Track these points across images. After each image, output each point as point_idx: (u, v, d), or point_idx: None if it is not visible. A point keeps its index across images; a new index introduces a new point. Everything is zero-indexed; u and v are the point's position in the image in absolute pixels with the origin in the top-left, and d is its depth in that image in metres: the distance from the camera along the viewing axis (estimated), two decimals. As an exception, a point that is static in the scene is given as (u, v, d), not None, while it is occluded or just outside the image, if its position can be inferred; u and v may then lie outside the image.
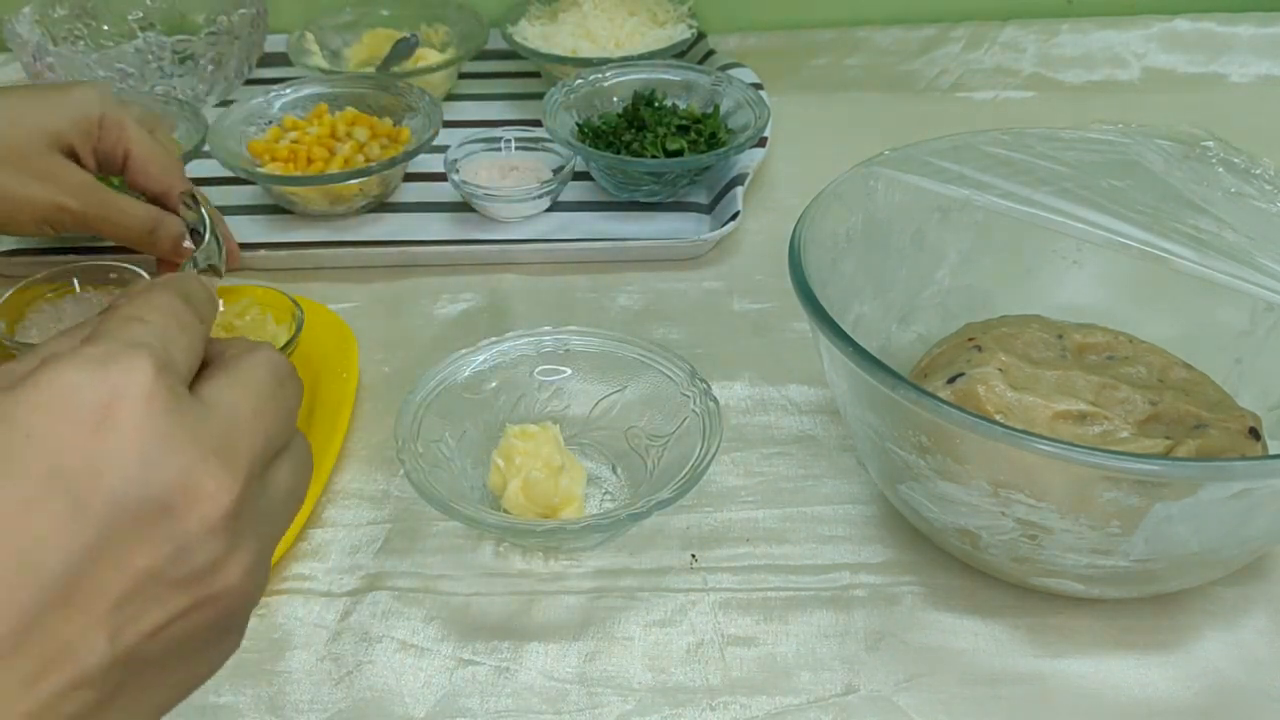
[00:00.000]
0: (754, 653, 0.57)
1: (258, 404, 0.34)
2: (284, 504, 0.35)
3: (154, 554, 0.30)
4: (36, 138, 0.70)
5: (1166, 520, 0.50)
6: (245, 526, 0.32)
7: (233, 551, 0.32)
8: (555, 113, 0.90)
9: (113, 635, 0.30)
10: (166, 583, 0.31)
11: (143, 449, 0.30)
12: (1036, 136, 0.69)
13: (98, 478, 0.30)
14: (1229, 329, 0.65)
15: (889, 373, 0.51)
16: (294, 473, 0.36)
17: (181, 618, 0.32)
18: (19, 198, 0.70)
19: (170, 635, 0.31)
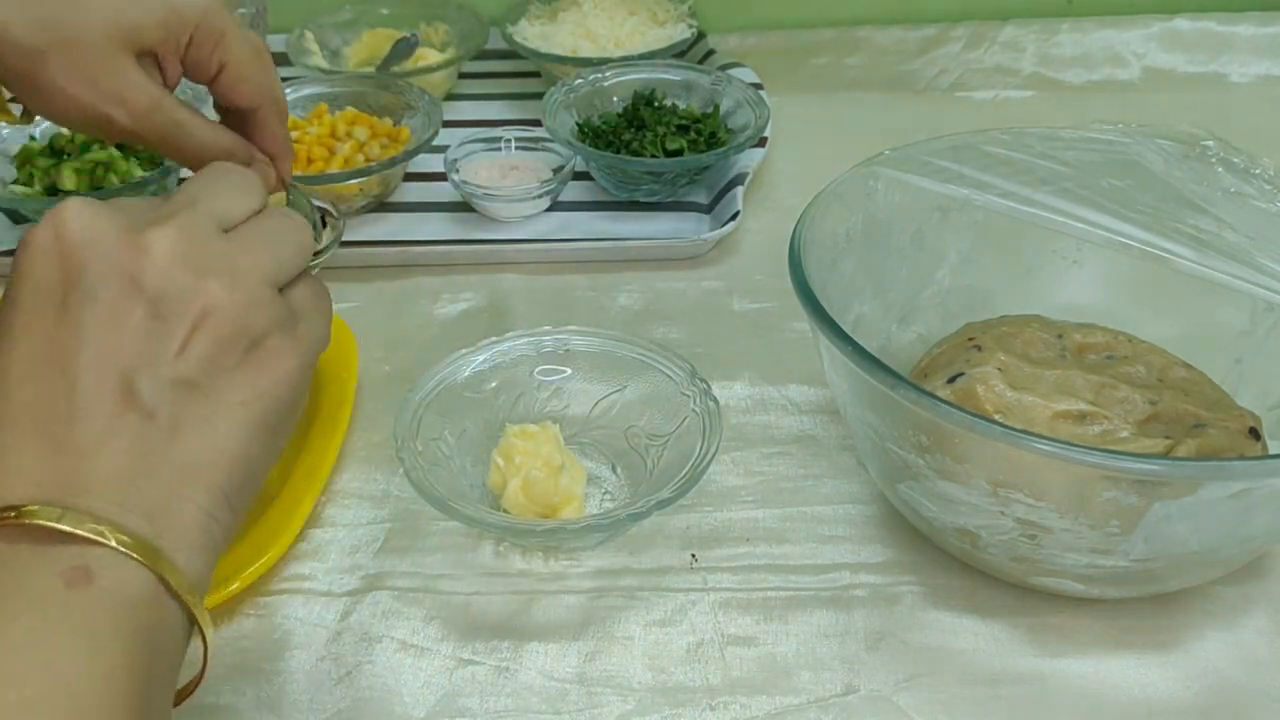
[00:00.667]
0: (754, 652, 0.57)
1: (194, 190, 0.43)
2: (254, 243, 0.43)
3: (135, 304, 0.39)
4: (101, 30, 0.58)
5: (1166, 520, 0.50)
6: (201, 262, 0.40)
7: (200, 279, 0.40)
8: (555, 112, 0.90)
9: (141, 371, 0.39)
10: (158, 318, 0.39)
11: (85, 241, 0.39)
12: (1036, 136, 0.69)
13: (65, 277, 0.39)
14: (1229, 329, 0.65)
15: (889, 372, 0.51)
16: (260, 225, 0.44)
17: (190, 339, 0.39)
18: (66, 94, 0.58)
19: (193, 356, 0.39)
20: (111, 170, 0.85)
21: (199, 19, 0.59)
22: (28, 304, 0.39)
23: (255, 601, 0.60)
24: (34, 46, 0.57)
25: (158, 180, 0.85)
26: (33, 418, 0.38)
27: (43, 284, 0.39)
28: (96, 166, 0.84)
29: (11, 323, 0.39)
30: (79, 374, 0.38)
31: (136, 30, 0.58)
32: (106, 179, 0.84)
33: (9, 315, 0.39)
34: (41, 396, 0.38)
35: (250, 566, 0.59)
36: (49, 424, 0.38)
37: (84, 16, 0.58)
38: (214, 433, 0.40)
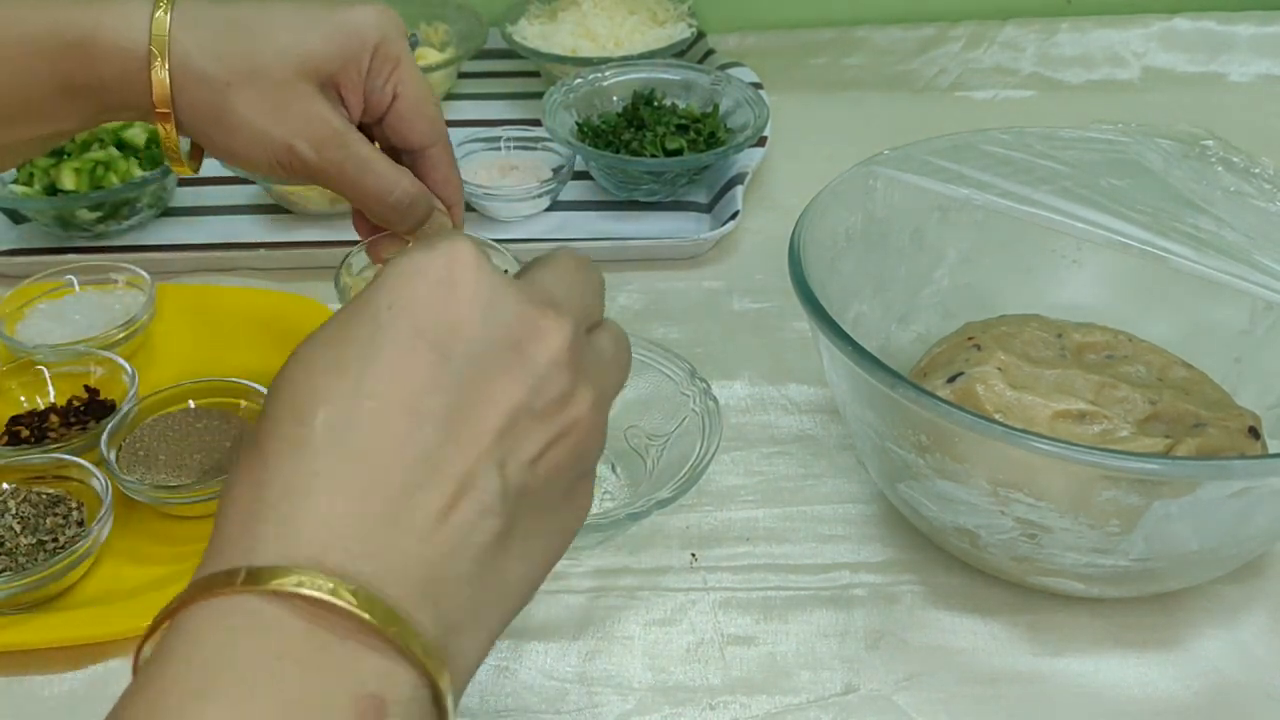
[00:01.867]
0: (754, 652, 0.57)
1: (569, 278, 0.38)
2: (611, 364, 0.38)
3: (517, 387, 0.34)
4: (287, 61, 0.54)
5: (1166, 519, 0.50)
6: (584, 366, 0.36)
7: (577, 386, 0.35)
8: (555, 112, 0.90)
9: (500, 465, 0.33)
10: (531, 414, 0.34)
11: (484, 300, 0.34)
12: (1036, 136, 0.69)
13: (454, 327, 0.33)
14: (1228, 328, 0.65)
15: (888, 372, 0.51)
16: (615, 342, 0.39)
17: (549, 448, 0.35)
18: (251, 129, 0.54)
19: (545, 466, 0.35)
20: (111, 170, 0.84)
21: (377, 42, 0.56)
22: (404, 335, 0.33)
23: (255, 601, 0.60)
24: (218, 78, 0.53)
25: (157, 179, 0.85)
26: (373, 464, 0.32)
27: (425, 323, 0.33)
28: (96, 166, 0.84)
29: (382, 347, 0.33)
30: (442, 440, 0.32)
31: (317, 58, 0.55)
32: (106, 178, 0.84)
33: (374, 337, 0.33)
34: (392, 444, 0.32)
35: (250, 566, 0.59)
36: (386, 478, 0.32)
37: (267, 45, 0.54)
38: (530, 556, 0.35)
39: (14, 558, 0.59)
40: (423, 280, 0.34)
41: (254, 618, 0.30)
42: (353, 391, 0.32)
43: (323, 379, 0.33)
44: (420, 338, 0.33)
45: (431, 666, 0.30)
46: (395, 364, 0.33)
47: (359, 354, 0.33)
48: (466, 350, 0.33)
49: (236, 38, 0.54)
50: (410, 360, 0.33)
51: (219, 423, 0.67)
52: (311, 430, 0.32)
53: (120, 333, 0.73)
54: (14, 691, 0.56)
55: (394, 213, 0.58)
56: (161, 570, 0.61)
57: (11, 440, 0.67)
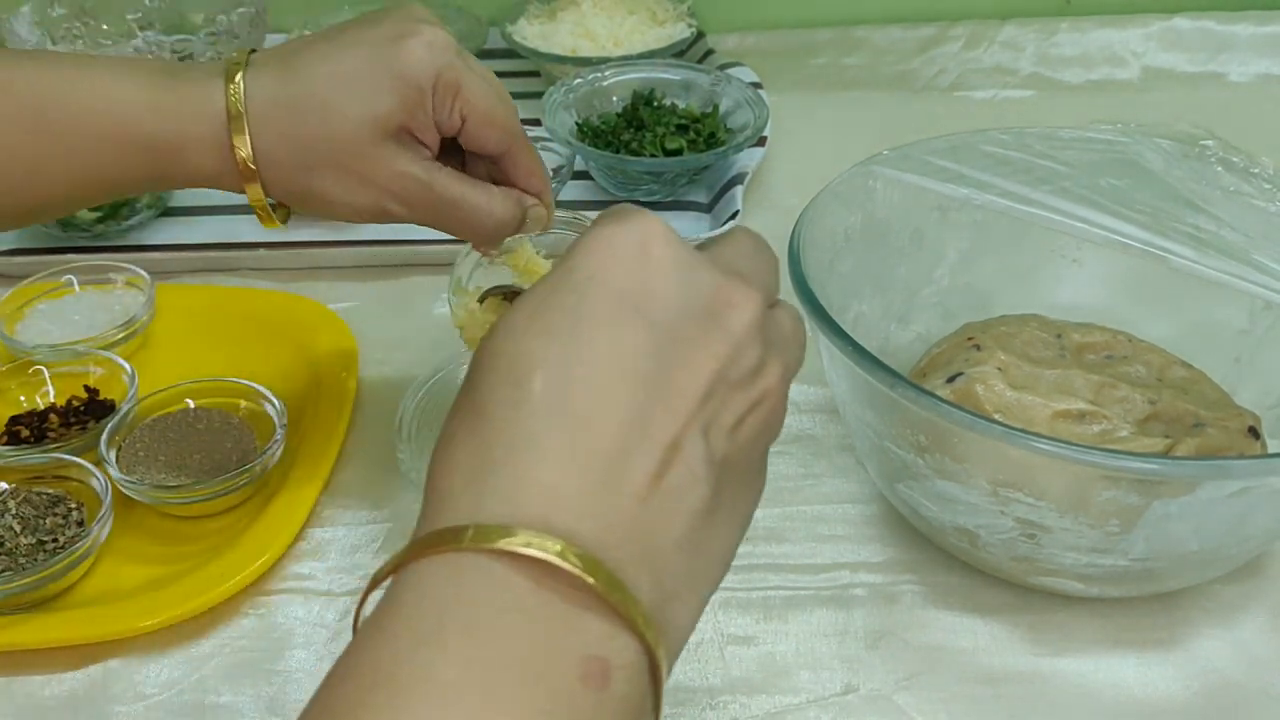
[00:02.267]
0: (753, 652, 0.57)
1: (751, 255, 0.38)
2: (790, 339, 0.38)
3: (716, 354, 0.34)
4: (360, 133, 0.56)
5: (1165, 519, 0.50)
6: (772, 338, 0.36)
7: (768, 357, 0.36)
8: (554, 112, 0.90)
9: (705, 431, 0.34)
10: (729, 382, 0.34)
11: (680, 269, 0.35)
12: (1035, 136, 0.69)
13: (654, 295, 0.34)
14: (1228, 328, 0.65)
15: (888, 372, 0.51)
16: (793, 320, 0.39)
17: (747, 417, 0.35)
18: (340, 201, 0.57)
19: (743, 435, 0.35)
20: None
21: (433, 82, 0.56)
22: (609, 302, 0.34)
23: (255, 601, 0.60)
24: (302, 166, 0.56)
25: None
26: (591, 428, 0.32)
27: (626, 292, 0.34)
28: (96, 166, 0.84)
29: (590, 313, 0.33)
30: (651, 405, 0.33)
31: (385, 118, 0.56)
32: (106, 179, 0.84)
33: (580, 304, 0.34)
34: (608, 409, 0.33)
35: (250, 566, 0.59)
36: (602, 443, 0.32)
37: (340, 123, 0.55)
38: (731, 525, 0.36)
39: (14, 558, 0.59)
40: (619, 251, 0.34)
41: (483, 574, 0.30)
42: (565, 356, 0.33)
43: (536, 342, 0.34)
44: (623, 304, 0.34)
45: (650, 635, 0.31)
46: (603, 329, 0.33)
47: (567, 321, 0.34)
48: (666, 317, 0.34)
49: (310, 120, 0.55)
50: (616, 325, 0.33)
51: (219, 423, 0.67)
52: (530, 393, 0.33)
53: (120, 333, 0.73)
54: (14, 691, 0.56)
55: (491, 237, 0.61)
56: (161, 570, 0.61)
57: (11, 440, 0.67)
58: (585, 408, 0.32)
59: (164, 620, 0.57)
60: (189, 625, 0.58)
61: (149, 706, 0.55)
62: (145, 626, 0.57)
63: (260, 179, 0.56)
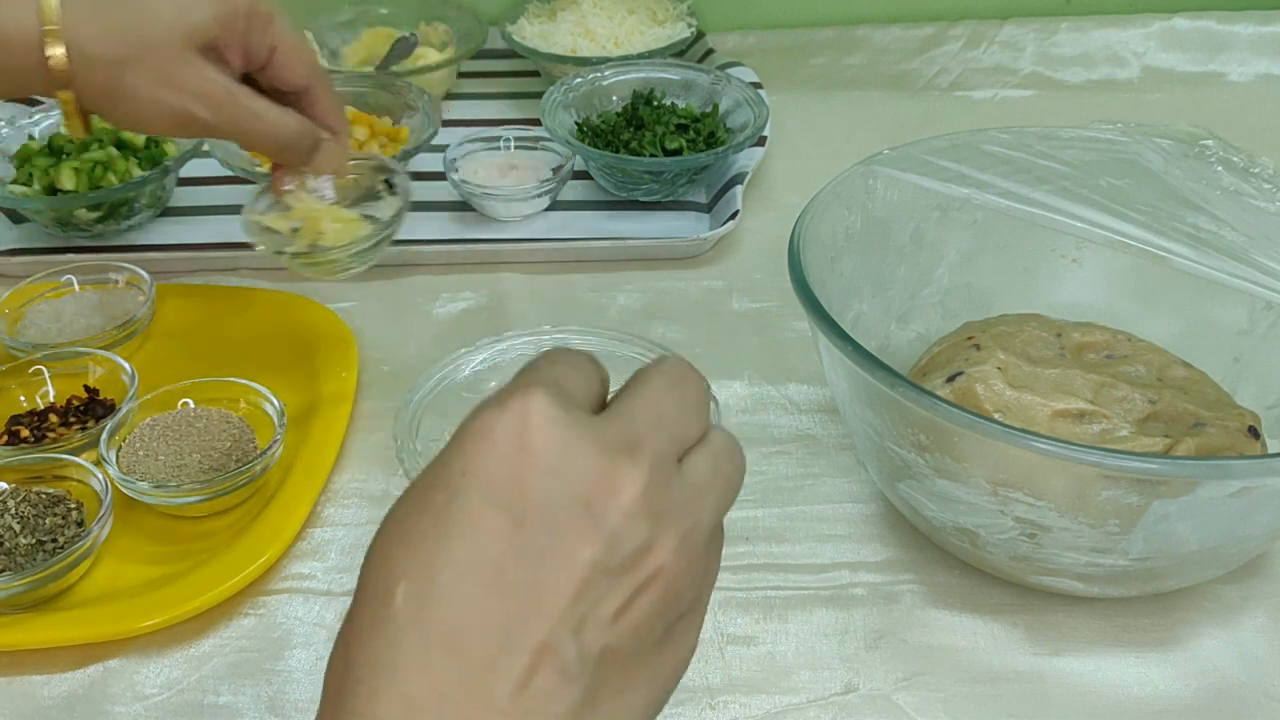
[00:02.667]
0: (753, 652, 0.57)
1: (657, 404, 0.36)
2: (708, 489, 0.37)
3: (590, 547, 0.33)
4: (173, 35, 0.61)
5: (1165, 519, 0.50)
6: (665, 509, 0.34)
7: (657, 533, 0.34)
8: (554, 112, 0.90)
9: (576, 629, 0.33)
10: (607, 571, 0.33)
11: (555, 459, 0.33)
12: (1035, 135, 0.69)
13: (525, 492, 0.33)
14: (1228, 327, 0.65)
15: (888, 371, 0.51)
16: (715, 460, 0.37)
17: (631, 603, 0.34)
18: (148, 99, 0.61)
19: (627, 623, 0.34)
20: (110, 170, 0.84)
21: (249, 6, 0.62)
22: (476, 503, 0.33)
23: (255, 601, 0.60)
24: (112, 58, 0.59)
25: (157, 179, 0.85)
26: (451, 638, 0.32)
27: (497, 489, 0.33)
28: (95, 166, 0.84)
29: (455, 517, 0.33)
30: (517, 610, 0.32)
31: (200, 27, 0.61)
32: (105, 178, 0.84)
33: (448, 505, 0.33)
34: (469, 618, 0.32)
35: (250, 566, 0.59)
36: (464, 652, 0.32)
37: (153, 23, 0.60)
38: (625, 712, 0.35)
39: (13, 558, 0.59)
40: (494, 443, 0.34)
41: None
42: (430, 564, 0.33)
43: (402, 550, 0.34)
44: (492, 504, 0.33)
45: None
46: (469, 534, 0.33)
47: (434, 524, 0.33)
48: (539, 514, 0.33)
49: (124, 17, 0.60)
50: (484, 529, 0.33)
51: (219, 423, 0.67)
52: (393, 607, 0.33)
53: (120, 333, 0.73)
54: (14, 691, 0.56)
55: (286, 150, 0.65)
56: (161, 570, 0.61)
57: (11, 440, 0.67)
58: (446, 618, 0.32)
59: (164, 620, 0.57)
60: (189, 625, 0.58)
61: (149, 706, 0.55)
62: (145, 626, 0.57)
63: (71, 77, 0.59)
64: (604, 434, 0.34)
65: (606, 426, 0.35)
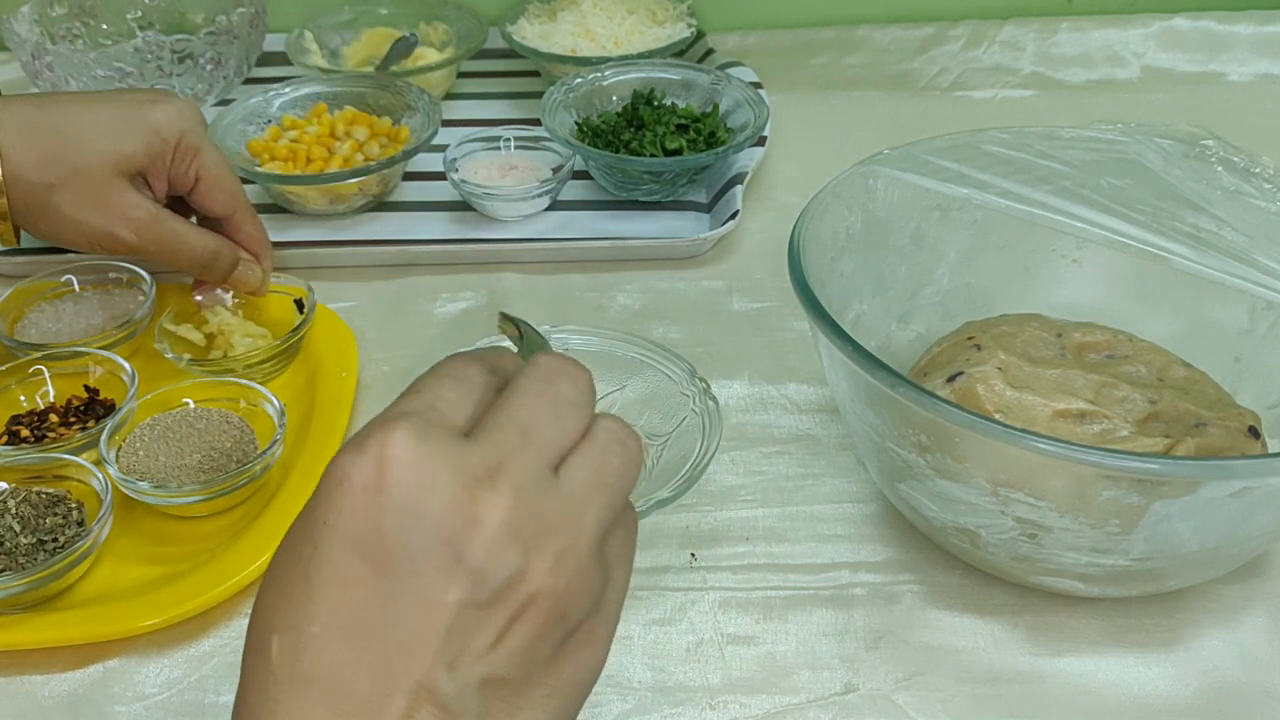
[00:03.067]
0: (753, 652, 0.57)
1: (525, 415, 0.36)
2: (586, 497, 0.36)
3: (455, 586, 0.33)
4: (103, 163, 0.67)
5: (1166, 519, 0.50)
6: (533, 535, 0.34)
7: (528, 558, 0.33)
8: (554, 112, 0.90)
9: (451, 665, 0.33)
10: (478, 605, 0.33)
11: (412, 501, 0.33)
12: (1036, 135, 0.69)
13: (383, 538, 0.33)
14: (1228, 327, 0.65)
15: (888, 371, 0.51)
16: (594, 461, 0.36)
17: (506, 631, 0.34)
18: (76, 221, 0.68)
19: (505, 651, 0.34)
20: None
21: (178, 139, 0.69)
22: (339, 553, 0.33)
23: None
24: (44, 182, 0.66)
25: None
26: (325, 688, 0.33)
27: (357, 536, 0.33)
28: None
29: (320, 568, 0.33)
30: (387, 655, 0.33)
31: (129, 157, 0.68)
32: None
33: (314, 556, 0.33)
34: (341, 667, 0.33)
35: (250, 566, 0.59)
36: (341, 701, 0.33)
37: (86, 151, 0.67)
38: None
39: (14, 558, 0.59)
40: (351, 489, 0.33)
41: None
42: (300, 615, 0.33)
43: (275, 603, 0.34)
44: (354, 552, 0.33)
45: None
46: (334, 584, 0.33)
47: (302, 576, 0.34)
48: (400, 558, 0.33)
49: (60, 145, 0.66)
50: (348, 578, 0.33)
51: (219, 423, 0.67)
52: (269, 658, 0.33)
53: (120, 333, 0.73)
54: (14, 691, 0.56)
55: (206, 269, 0.73)
56: (161, 570, 0.61)
57: (11, 440, 0.67)
58: (317, 669, 0.33)
59: (164, 620, 0.57)
60: (189, 625, 0.58)
61: (149, 706, 0.55)
62: (145, 626, 0.57)
63: (4, 192, 0.66)
64: (465, 462, 0.34)
65: (469, 453, 0.34)
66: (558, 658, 0.35)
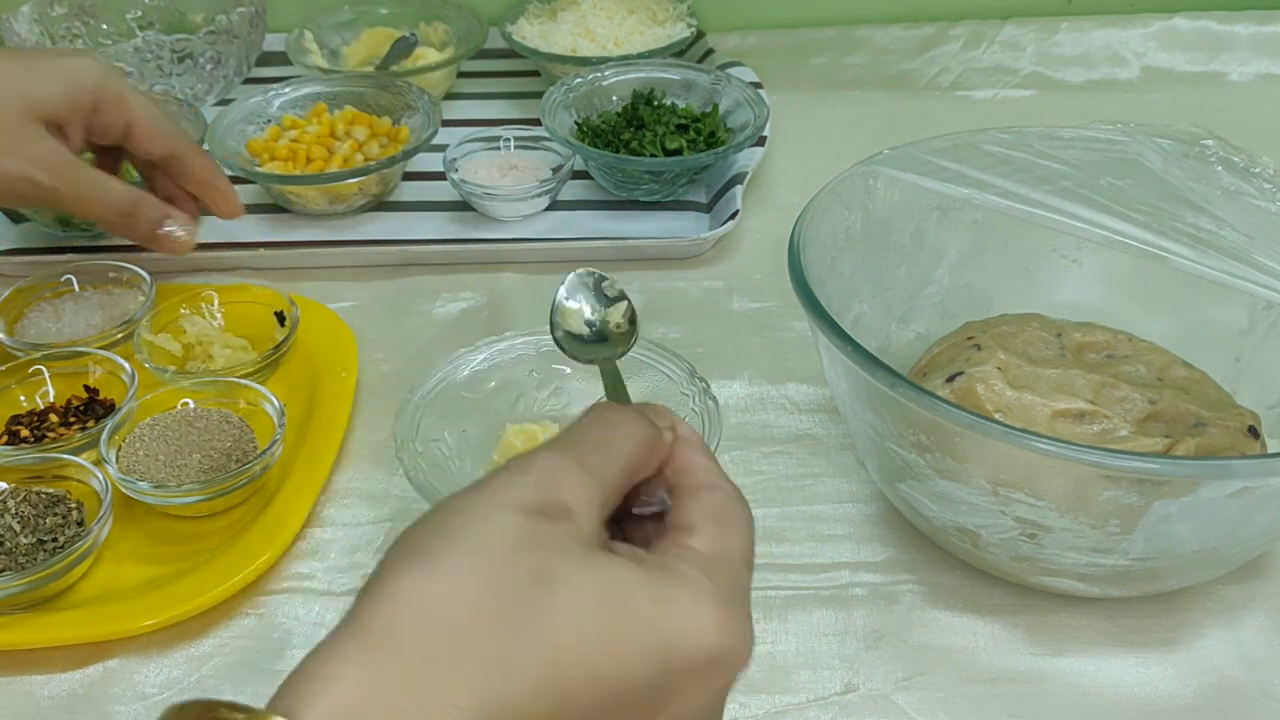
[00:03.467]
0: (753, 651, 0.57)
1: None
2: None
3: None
4: (14, 105, 0.67)
5: (1166, 519, 0.50)
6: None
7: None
8: (554, 111, 0.90)
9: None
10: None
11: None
12: (1036, 135, 0.69)
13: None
14: (1228, 327, 0.65)
15: (888, 371, 0.51)
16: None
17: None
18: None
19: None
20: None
21: (97, 85, 0.68)
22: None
23: (255, 601, 0.60)
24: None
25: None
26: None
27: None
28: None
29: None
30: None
31: (44, 102, 0.67)
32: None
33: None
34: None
35: (250, 566, 0.59)
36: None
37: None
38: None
39: (14, 558, 0.59)
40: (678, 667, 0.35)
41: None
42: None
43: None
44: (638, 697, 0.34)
45: None
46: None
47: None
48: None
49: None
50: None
51: (219, 423, 0.67)
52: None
53: (120, 333, 0.73)
54: (14, 691, 0.56)
55: (130, 219, 0.70)
56: (161, 570, 0.61)
57: (11, 440, 0.67)
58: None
59: (164, 620, 0.57)
60: (189, 625, 0.58)
61: (149, 706, 0.55)
62: (145, 626, 0.57)
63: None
64: (730, 598, 0.37)
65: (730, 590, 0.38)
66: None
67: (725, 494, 0.40)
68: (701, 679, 0.35)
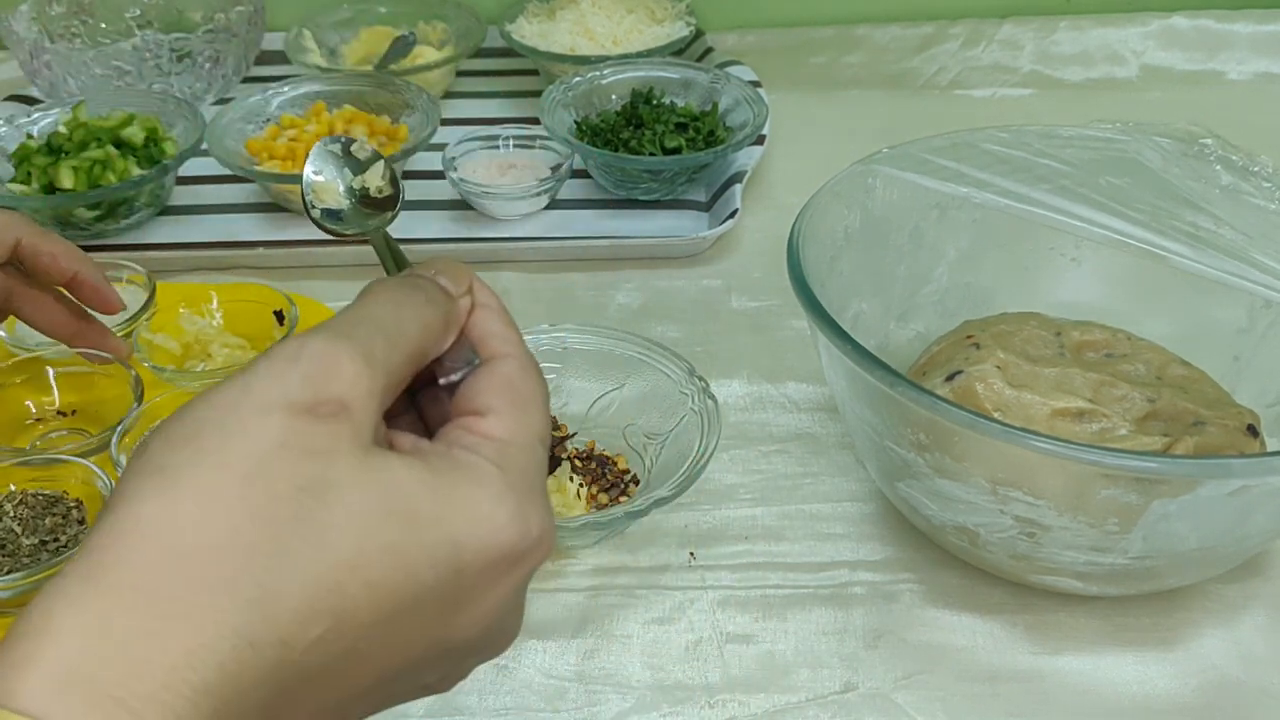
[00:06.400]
0: (752, 650, 0.57)
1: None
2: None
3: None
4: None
5: (1164, 518, 0.50)
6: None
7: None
8: (553, 110, 0.90)
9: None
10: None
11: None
12: (1035, 134, 0.69)
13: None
14: (1227, 326, 0.65)
15: (887, 370, 0.51)
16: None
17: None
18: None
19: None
20: (109, 169, 0.84)
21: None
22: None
23: (254, 600, 0.60)
24: None
25: (156, 178, 0.85)
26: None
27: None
28: (94, 165, 0.84)
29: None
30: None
31: None
32: (104, 177, 0.84)
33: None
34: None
35: (249, 565, 0.59)
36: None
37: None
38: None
39: (17, 559, 0.59)
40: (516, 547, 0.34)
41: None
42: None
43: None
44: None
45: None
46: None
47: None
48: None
49: None
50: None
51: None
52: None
53: (120, 332, 0.73)
54: (13, 691, 0.56)
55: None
56: (160, 569, 0.61)
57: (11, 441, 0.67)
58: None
59: (164, 619, 0.57)
60: (188, 624, 0.58)
61: (148, 705, 0.55)
62: (144, 625, 0.57)
63: None
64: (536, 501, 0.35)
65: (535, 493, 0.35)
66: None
67: (520, 366, 0.36)
68: (498, 575, 0.32)
